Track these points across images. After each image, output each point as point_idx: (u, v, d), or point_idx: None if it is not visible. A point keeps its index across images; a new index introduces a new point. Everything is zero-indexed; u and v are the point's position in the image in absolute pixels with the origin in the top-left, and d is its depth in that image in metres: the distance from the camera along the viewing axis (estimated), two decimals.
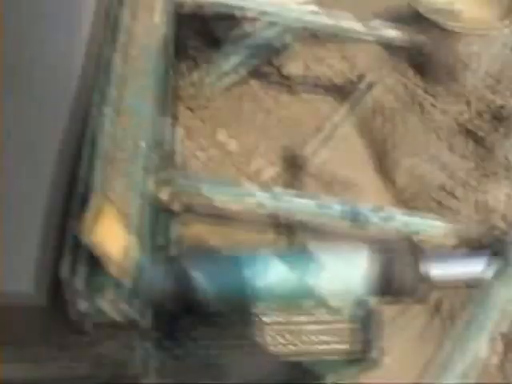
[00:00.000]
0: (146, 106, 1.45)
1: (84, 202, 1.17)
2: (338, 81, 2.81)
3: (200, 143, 2.59)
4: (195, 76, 2.61)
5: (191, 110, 2.62)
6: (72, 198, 1.18)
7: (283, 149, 2.59)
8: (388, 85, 2.75)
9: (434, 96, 2.72)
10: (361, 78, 2.80)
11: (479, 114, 2.68)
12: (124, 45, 1.53)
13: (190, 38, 2.65)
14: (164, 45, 1.73)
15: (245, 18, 2.27)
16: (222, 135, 2.63)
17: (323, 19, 2.16)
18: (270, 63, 2.75)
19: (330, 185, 2.46)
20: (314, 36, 2.66)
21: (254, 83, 2.77)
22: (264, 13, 2.11)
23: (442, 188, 2.48)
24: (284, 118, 2.73)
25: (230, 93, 2.69)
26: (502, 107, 2.68)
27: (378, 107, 2.72)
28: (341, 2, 2.99)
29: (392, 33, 2.30)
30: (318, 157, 2.54)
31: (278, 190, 1.55)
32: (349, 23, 2.22)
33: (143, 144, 1.28)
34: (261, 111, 2.74)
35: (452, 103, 2.70)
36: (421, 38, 2.40)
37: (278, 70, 2.81)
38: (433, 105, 2.69)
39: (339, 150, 2.60)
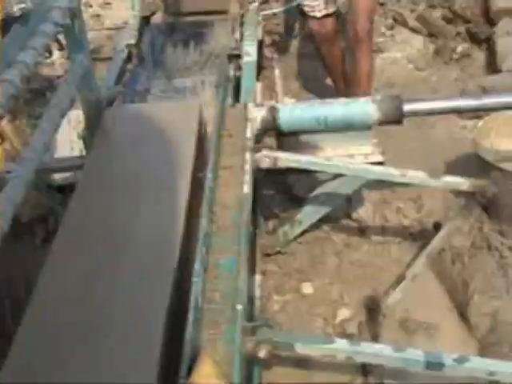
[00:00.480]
0: (237, 267, 1.56)
1: (191, 363, 1.26)
2: (406, 223, 2.90)
3: (277, 287, 2.68)
4: (271, 225, 2.76)
5: (268, 255, 2.73)
6: (180, 360, 1.28)
7: (357, 290, 2.65)
8: (459, 227, 2.82)
9: (510, 238, 2.77)
10: (429, 220, 2.88)
11: None
12: (216, 214, 1.69)
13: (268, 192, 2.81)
14: (247, 205, 1.87)
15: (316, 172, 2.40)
16: (297, 279, 2.72)
17: (389, 170, 2.28)
18: (340, 208, 2.86)
19: (411, 329, 2.49)
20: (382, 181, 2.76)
21: (326, 228, 2.88)
22: (332, 166, 2.26)
23: None
24: (355, 260, 2.82)
25: (304, 238, 2.80)
26: None
27: (452, 250, 2.77)
28: (408, 154, 3.15)
29: (458, 180, 2.40)
30: (396, 300, 2.59)
31: (365, 344, 1.62)
32: (415, 173, 2.32)
33: (240, 307, 1.38)
34: (333, 254, 2.83)
35: None
36: (486, 184, 2.49)
37: (348, 214, 2.93)
38: (510, 248, 2.74)
39: (417, 293, 2.64)
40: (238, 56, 2.87)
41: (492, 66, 3.72)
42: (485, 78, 3.59)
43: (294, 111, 2.27)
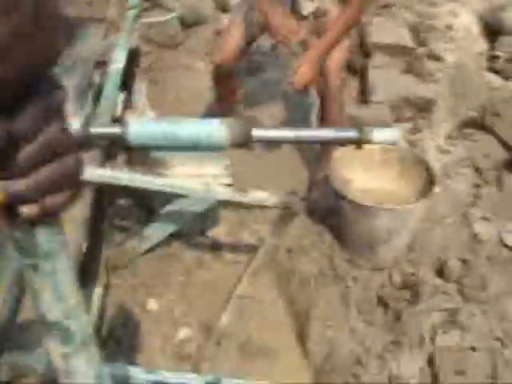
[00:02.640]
0: None
1: None
2: (257, 243, 2.90)
3: (121, 302, 2.63)
4: (120, 238, 2.70)
5: (114, 269, 2.67)
6: None
7: (200, 312, 2.63)
8: (311, 255, 2.86)
9: (354, 267, 2.82)
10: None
11: (397, 285, 2.78)
12: None
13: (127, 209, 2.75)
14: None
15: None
16: (142, 294, 2.68)
17: (234, 194, 2.29)
18: (194, 225, 2.84)
19: (250, 353, 2.50)
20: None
21: (178, 245, 2.85)
22: (181, 187, 2.24)
23: (358, 362, 2.52)
24: (205, 278, 2.80)
25: (153, 254, 2.76)
26: (419, 279, 2.78)
27: (300, 275, 2.80)
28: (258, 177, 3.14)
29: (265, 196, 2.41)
30: (235, 321, 2.59)
31: None
32: (258, 195, 2.34)
33: None
34: (182, 271, 2.80)
35: (371, 275, 2.80)
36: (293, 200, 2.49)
37: (202, 231, 2.91)
38: (352, 276, 2.79)
39: (258, 315, 2.66)
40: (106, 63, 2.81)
41: (363, 97, 3.81)
42: (354, 109, 3.66)
43: (143, 126, 2.23)
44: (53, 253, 0.60)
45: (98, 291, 2.42)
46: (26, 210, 0.54)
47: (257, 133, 2.19)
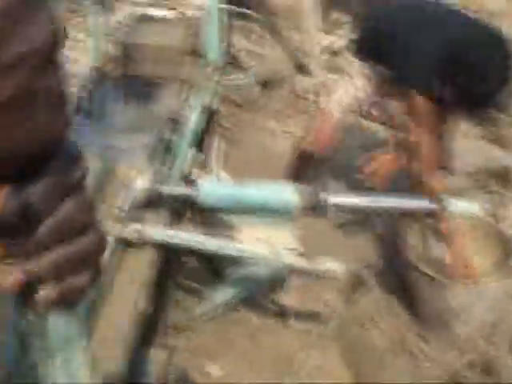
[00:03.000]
0: None
1: None
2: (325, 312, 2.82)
3: (184, 364, 2.57)
4: (184, 298, 2.65)
5: (178, 331, 2.62)
6: None
7: (264, 379, 2.55)
8: (381, 328, 2.76)
9: (425, 342, 2.71)
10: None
11: (470, 364, 2.65)
12: None
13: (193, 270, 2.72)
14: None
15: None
16: (205, 358, 2.62)
17: (303, 262, 2.25)
18: (261, 291, 2.78)
19: None
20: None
21: (244, 309, 2.78)
22: (249, 252, 2.20)
23: None
24: (270, 345, 2.72)
25: (218, 317, 2.70)
26: (494, 359, 2.65)
27: (369, 348, 2.71)
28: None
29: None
30: None
31: None
32: (327, 263, 2.30)
33: None
34: (247, 336, 2.73)
35: (443, 351, 2.68)
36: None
37: (269, 297, 2.84)
38: (423, 351, 2.67)
39: None
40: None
41: (443, 165, 3.70)
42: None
43: (215, 188, 2.22)
44: (67, 341, 0.56)
45: (160, 354, 2.38)
46: (43, 293, 0.50)
47: (328, 199, 2.15)
